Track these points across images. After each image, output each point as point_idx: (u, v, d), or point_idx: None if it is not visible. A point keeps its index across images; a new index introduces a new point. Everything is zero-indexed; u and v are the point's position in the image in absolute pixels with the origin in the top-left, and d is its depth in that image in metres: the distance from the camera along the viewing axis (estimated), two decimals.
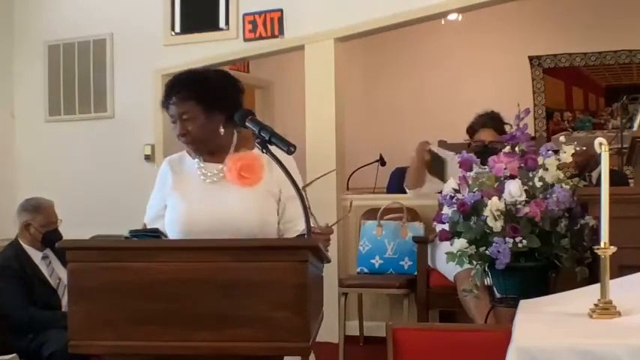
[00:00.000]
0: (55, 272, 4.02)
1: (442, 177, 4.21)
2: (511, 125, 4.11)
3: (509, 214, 2.62)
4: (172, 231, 2.40)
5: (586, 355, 1.54)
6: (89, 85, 5.80)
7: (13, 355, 3.42)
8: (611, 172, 5.30)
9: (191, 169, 2.47)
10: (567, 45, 7.19)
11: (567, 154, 2.68)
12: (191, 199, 2.41)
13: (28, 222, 4.03)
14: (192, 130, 2.37)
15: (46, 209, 4.08)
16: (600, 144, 1.82)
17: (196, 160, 2.47)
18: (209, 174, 2.43)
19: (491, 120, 4.21)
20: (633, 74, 7.05)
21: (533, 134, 6.40)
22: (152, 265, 1.94)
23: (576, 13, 6.99)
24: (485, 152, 4.01)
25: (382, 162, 6.65)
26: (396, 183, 6.13)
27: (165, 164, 2.56)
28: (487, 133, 4.16)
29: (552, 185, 2.67)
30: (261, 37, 5.29)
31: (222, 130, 2.39)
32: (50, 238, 3.99)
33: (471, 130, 4.26)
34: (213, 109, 2.37)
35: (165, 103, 2.42)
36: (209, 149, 2.44)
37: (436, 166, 4.26)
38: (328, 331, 4.21)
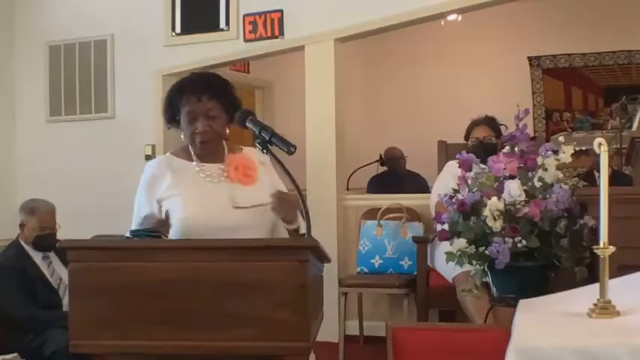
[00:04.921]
0: (56, 272, 4.01)
1: None
2: (506, 126, 4.19)
3: (509, 214, 2.62)
4: (177, 232, 2.39)
5: (585, 354, 1.54)
6: (90, 85, 5.81)
7: (15, 354, 3.43)
8: (617, 174, 5.31)
9: (187, 171, 2.48)
10: (566, 46, 7.20)
11: (566, 154, 2.68)
12: (196, 200, 2.42)
13: (23, 223, 4.03)
14: (215, 127, 2.43)
15: (42, 213, 4.03)
16: (599, 144, 1.82)
17: (194, 162, 2.48)
18: (212, 174, 2.46)
19: (484, 119, 4.37)
20: (632, 75, 7.06)
21: (532, 134, 6.40)
22: (152, 265, 1.94)
23: (575, 14, 7.00)
24: (481, 149, 4.09)
25: (382, 162, 6.65)
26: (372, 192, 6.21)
27: (154, 165, 2.54)
28: (481, 129, 4.34)
29: (552, 185, 2.67)
30: (261, 38, 5.30)
31: (227, 130, 2.46)
32: (41, 244, 3.98)
33: (467, 133, 4.39)
34: (229, 109, 2.44)
35: (180, 101, 2.46)
36: (216, 149, 2.48)
37: None
38: (328, 331, 4.21)
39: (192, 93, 2.44)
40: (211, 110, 2.42)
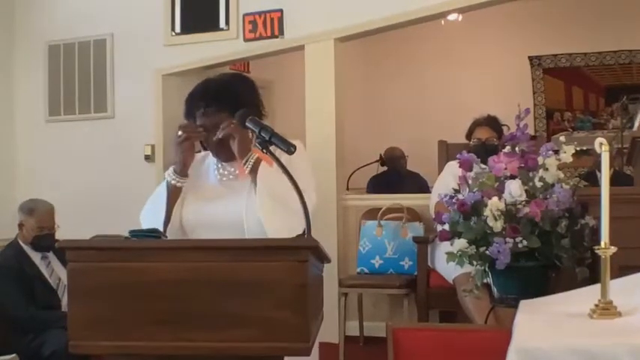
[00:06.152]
0: (55, 272, 4.01)
1: None
2: (508, 127, 4.20)
3: (510, 214, 2.62)
4: (185, 226, 2.45)
5: (586, 355, 1.54)
6: (89, 85, 5.81)
7: (14, 355, 3.42)
8: (619, 174, 5.30)
9: (209, 167, 2.54)
10: (567, 45, 7.19)
11: (567, 154, 2.68)
12: (204, 198, 2.46)
13: (22, 223, 4.02)
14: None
15: (41, 214, 4.03)
16: (600, 144, 1.82)
17: (215, 159, 2.51)
18: (225, 172, 2.50)
19: (487, 119, 4.37)
20: (633, 74, 7.05)
21: (533, 134, 6.40)
22: (152, 265, 1.93)
23: (576, 13, 7.00)
24: (483, 150, 4.09)
25: (382, 162, 6.65)
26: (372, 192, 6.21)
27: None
28: (483, 130, 4.34)
29: (552, 185, 2.66)
30: (261, 37, 5.29)
31: (250, 133, 2.39)
32: (40, 244, 3.98)
33: (468, 132, 4.39)
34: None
35: (192, 113, 2.47)
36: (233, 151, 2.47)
37: None
38: (328, 332, 4.20)
39: (198, 107, 2.45)
40: (219, 121, 2.41)
